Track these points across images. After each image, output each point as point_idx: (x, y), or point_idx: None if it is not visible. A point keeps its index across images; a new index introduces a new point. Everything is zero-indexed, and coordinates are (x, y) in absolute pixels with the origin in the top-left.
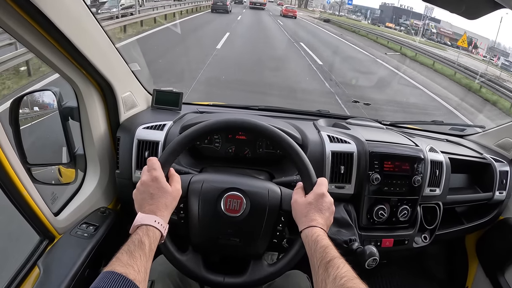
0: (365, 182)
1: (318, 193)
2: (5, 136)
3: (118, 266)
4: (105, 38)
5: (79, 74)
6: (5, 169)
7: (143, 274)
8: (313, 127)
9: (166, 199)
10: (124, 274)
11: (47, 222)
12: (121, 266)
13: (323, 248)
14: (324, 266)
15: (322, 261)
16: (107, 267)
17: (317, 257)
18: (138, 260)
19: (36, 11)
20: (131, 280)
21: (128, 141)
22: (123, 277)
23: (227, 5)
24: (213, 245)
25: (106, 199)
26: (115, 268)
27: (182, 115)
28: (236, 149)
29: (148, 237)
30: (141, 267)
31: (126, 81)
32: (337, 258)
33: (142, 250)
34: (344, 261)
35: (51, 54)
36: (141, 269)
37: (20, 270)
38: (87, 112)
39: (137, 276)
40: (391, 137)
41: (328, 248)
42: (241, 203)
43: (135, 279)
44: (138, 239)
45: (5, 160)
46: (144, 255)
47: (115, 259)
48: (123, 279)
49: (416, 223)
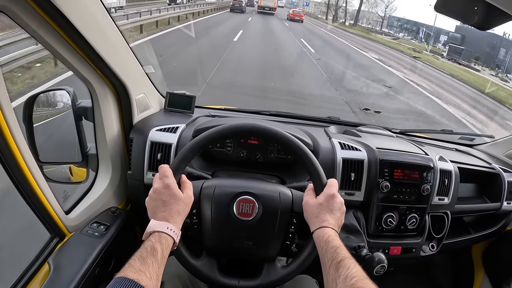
0: (375, 190)
1: (328, 194)
2: (21, 133)
3: (130, 272)
4: (122, 40)
5: (95, 75)
6: (19, 167)
7: (155, 280)
8: (324, 134)
9: (179, 206)
10: (136, 280)
11: (58, 220)
12: (133, 272)
13: (334, 249)
14: (335, 266)
15: (333, 261)
16: (119, 272)
17: (328, 257)
18: (150, 267)
19: (56, 11)
20: (143, 286)
21: (141, 143)
22: (135, 283)
23: (243, 6)
24: (226, 249)
25: (117, 199)
26: (127, 274)
27: (195, 118)
28: (248, 153)
29: (161, 244)
30: (153, 274)
31: (140, 83)
32: (347, 258)
33: (154, 257)
34: (355, 261)
35: (68, 54)
36: (153, 275)
37: (30, 267)
38: (101, 112)
39: (148, 282)
40: (401, 146)
41: (339, 249)
42: (253, 207)
43: (147, 286)
44: (151, 246)
45: (20, 157)
46: (156, 262)
47: (127, 265)
48: (135, 285)
49: (424, 232)
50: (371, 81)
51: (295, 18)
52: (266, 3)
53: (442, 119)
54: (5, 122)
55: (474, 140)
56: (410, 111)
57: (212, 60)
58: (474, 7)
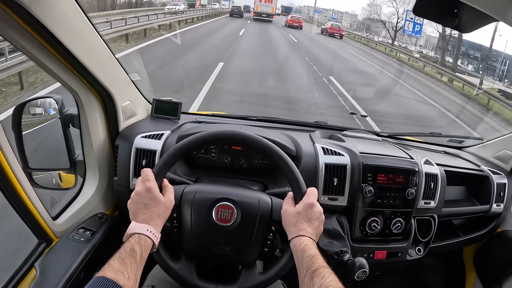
0: (358, 194)
1: (307, 202)
2: (6, 141)
3: (109, 272)
4: (105, 49)
5: (80, 83)
6: (5, 173)
7: (133, 281)
8: (308, 139)
9: (159, 209)
10: (114, 279)
11: (46, 226)
12: (112, 272)
13: (310, 257)
14: (310, 275)
15: (308, 270)
16: (99, 272)
17: (303, 266)
18: (129, 267)
19: (37, 22)
20: (121, 286)
21: (127, 149)
22: (113, 282)
23: (241, 11)
24: (205, 253)
25: (104, 205)
26: (106, 273)
27: (180, 125)
28: (232, 159)
29: (140, 246)
30: (131, 274)
31: (126, 91)
32: (323, 267)
33: (133, 258)
34: (331, 270)
35: (51, 64)
36: (131, 276)
37: (18, 271)
38: (87, 120)
39: (126, 282)
40: (386, 150)
41: (315, 258)
42: (232, 213)
43: (125, 285)
44: (130, 247)
45: (5, 164)
46: (135, 263)
47: (107, 265)
48: (113, 284)
49: (410, 236)
50: None
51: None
52: (263, 9)
53: None
54: None
55: (463, 142)
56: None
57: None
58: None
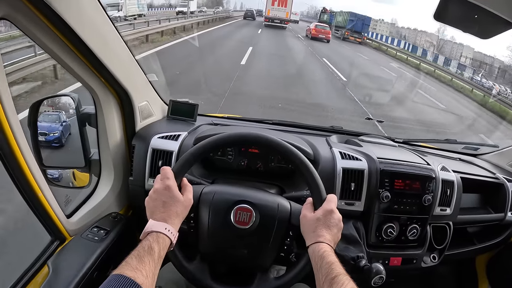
0: (375, 200)
1: (327, 209)
2: (24, 138)
3: (127, 270)
4: (125, 49)
5: (99, 82)
6: (22, 170)
7: (151, 279)
8: (325, 143)
9: (178, 208)
10: (133, 278)
11: (59, 224)
12: (130, 270)
13: (329, 264)
14: (329, 282)
15: (327, 277)
16: (116, 270)
17: (322, 272)
18: (147, 266)
19: (60, 20)
20: (139, 284)
21: (143, 150)
22: (131, 280)
23: (254, 15)
24: (221, 255)
25: (118, 205)
26: (124, 271)
27: (197, 127)
28: (249, 162)
29: (158, 244)
30: (149, 273)
31: (144, 91)
32: (342, 275)
33: (151, 256)
34: (349, 278)
35: (72, 62)
36: (149, 274)
37: (30, 268)
38: (104, 119)
39: (145, 281)
40: (403, 155)
41: (334, 265)
42: (250, 216)
43: (143, 284)
44: (148, 245)
45: (23, 161)
46: (153, 261)
47: (124, 263)
48: (131, 283)
49: (425, 243)
50: None
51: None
52: (276, 14)
53: None
54: (9, 127)
55: (478, 149)
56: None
57: None
58: (474, 15)
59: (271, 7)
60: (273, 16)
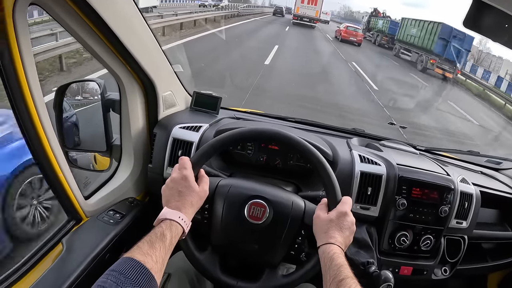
0: (391, 206)
1: (341, 211)
2: (49, 119)
3: (138, 254)
4: (152, 38)
5: (125, 70)
6: (44, 150)
7: (160, 265)
8: (345, 145)
9: (193, 198)
10: (142, 262)
11: (77, 204)
12: (141, 254)
13: (337, 267)
14: (336, 284)
15: (334, 279)
16: (127, 253)
17: (330, 274)
18: (158, 251)
19: (88, 7)
20: (148, 269)
21: (164, 138)
22: (141, 264)
23: (283, 11)
24: (231, 248)
25: (136, 191)
26: (135, 255)
27: (219, 119)
28: (268, 158)
29: (170, 231)
30: (159, 258)
31: (168, 81)
32: (349, 278)
33: (162, 243)
34: (357, 282)
35: (99, 49)
36: (159, 260)
37: (45, 245)
38: (128, 106)
39: (154, 266)
40: (423, 164)
41: (342, 267)
42: (264, 212)
43: (152, 269)
44: (161, 232)
45: (46, 141)
46: (164, 248)
47: (136, 247)
48: (140, 266)
49: (438, 254)
50: None
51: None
52: (306, 12)
53: None
54: (35, 108)
55: (501, 164)
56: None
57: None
58: (504, 25)
59: (300, 5)
60: (302, 14)
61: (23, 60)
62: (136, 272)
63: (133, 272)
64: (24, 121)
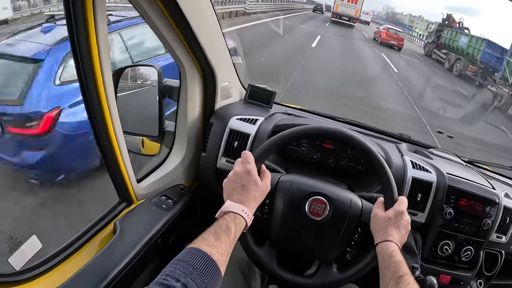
0: (438, 214)
1: (398, 210)
2: (115, 103)
3: (204, 245)
4: (218, 28)
5: (188, 57)
6: (108, 132)
7: (225, 257)
8: (396, 150)
9: (256, 192)
10: (209, 253)
11: (130, 187)
12: (207, 245)
13: (396, 263)
14: (395, 280)
15: (394, 274)
16: (192, 243)
17: (390, 270)
18: (223, 244)
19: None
20: (215, 260)
21: (220, 128)
22: (208, 256)
23: (323, 9)
24: (289, 244)
25: (185, 178)
26: (201, 246)
27: (272, 114)
28: (321, 156)
29: (235, 225)
30: (224, 251)
31: (227, 72)
32: (408, 275)
33: (227, 235)
34: (414, 279)
35: (168, 34)
36: (224, 252)
37: (97, 224)
38: (187, 93)
39: (220, 258)
40: (470, 175)
41: (401, 264)
42: (324, 208)
43: (218, 261)
44: (226, 225)
45: (110, 124)
46: (229, 240)
47: (201, 238)
48: (207, 258)
49: (475, 267)
50: None
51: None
52: (345, 10)
53: None
54: (104, 91)
55: None
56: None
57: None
58: None
59: (340, 2)
60: (341, 13)
61: (97, 32)
62: (203, 263)
63: (200, 263)
64: (91, 99)
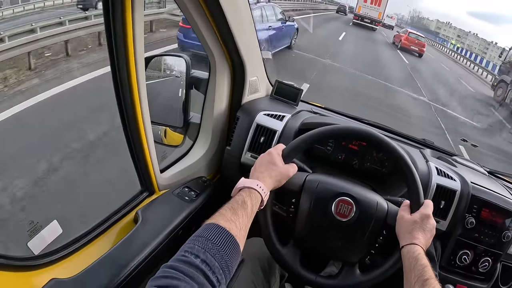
0: (459, 223)
1: (424, 213)
2: (145, 93)
3: (222, 220)
4: (251, 22)
5: (220, 49)
6: (137, 121)
7: (244, 232)
8: (420, 156)
9: (273, 171)
10: (227, 228)
11: (153, 177)
12: (225, 221)
13: (422, 266)
14: (421, 283)
15: (420, 278)
16: (210, 219)
17: (415, 273)
18: (241, 218)
19: None
20: (233, 235)
21: (247, 123)
22: (226, 231)
23: (346, 10)
24: (314, 244)
25: (208, 170)
26: (219, 221)
27: (298, 111)
28: (346, 157)
29: (251, 199)
30: (242, 225)
31: (256, 66)
32: (433, 279)
33: (244, 210)
34: (439, 284)
35: (202, 25)
36: (242, 227)
37: (118, 211)
38: (215, 86)
39: (238, 233)
40: (493, 186)
41: (427, 268)
42: (351, 209)
43: (236, 236)
44: (242, 200)
45: (139, 113)
46: (246, 215)
47: (218, 214)
48: (226, 233)
49: (492, 279)
50: None
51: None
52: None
53: None
54: (136, 78)
55: None
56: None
57: None
58: None
59: (363, 4)
60: (364, 15)
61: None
62: (222, 238)
63: (219, 238)
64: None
